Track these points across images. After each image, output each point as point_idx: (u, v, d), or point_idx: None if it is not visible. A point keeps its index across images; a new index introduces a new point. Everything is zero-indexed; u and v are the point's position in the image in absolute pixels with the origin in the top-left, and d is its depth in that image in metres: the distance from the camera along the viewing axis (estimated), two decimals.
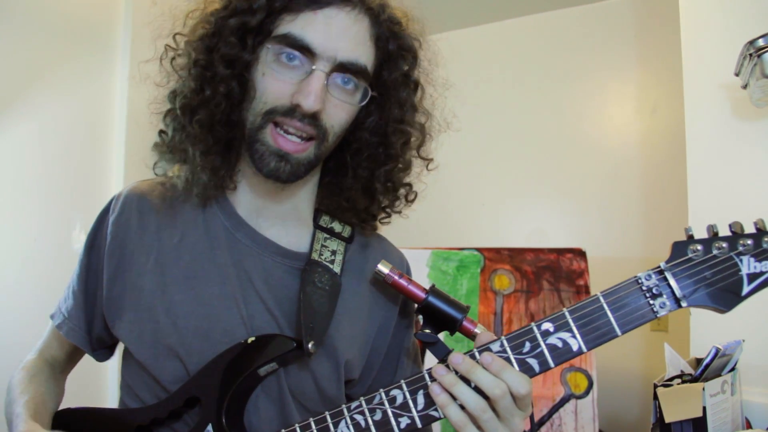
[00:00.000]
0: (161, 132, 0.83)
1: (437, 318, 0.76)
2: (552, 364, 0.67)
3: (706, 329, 1.58)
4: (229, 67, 0.75)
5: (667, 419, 1.31)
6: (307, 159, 0.77)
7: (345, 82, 0.76)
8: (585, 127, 2.69)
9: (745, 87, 1.46)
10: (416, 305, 0.78)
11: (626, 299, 0.67)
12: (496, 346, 0.68)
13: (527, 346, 0.67)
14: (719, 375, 1.35)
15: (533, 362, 0.67)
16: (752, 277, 0.65)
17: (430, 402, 0.69)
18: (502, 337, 0.69)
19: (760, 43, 1.34)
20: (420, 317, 0.78)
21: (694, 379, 1.35)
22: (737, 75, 1.48)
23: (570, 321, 0.67)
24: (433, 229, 2.94)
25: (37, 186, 2.23)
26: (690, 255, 0.66)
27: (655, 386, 1.37)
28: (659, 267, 0.67)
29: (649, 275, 0.67)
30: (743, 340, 1.39)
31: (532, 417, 0.76)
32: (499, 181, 2.85)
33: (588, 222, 2.62)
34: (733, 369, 1.39)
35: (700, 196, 1.61)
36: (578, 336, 0.67)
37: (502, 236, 2.78)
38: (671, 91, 2.32)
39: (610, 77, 2.66)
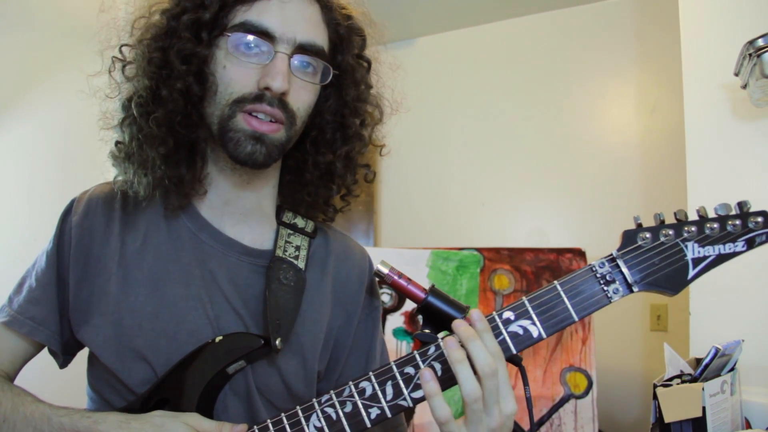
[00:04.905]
0: (117, 142, 0.82)
1: (437, 318, 0.76)
2: (514, 351, 0.69)
3: (706, 329, 1.58)
4: (185, 63, 0.75)
5: (667, 419, 1.31)
6: (279, 140, 0.78)
7: (305, 66, 0.78)
8: (585, 127, 2.69)
9: (744, 87, 1.46)
10: (416, 305, 0.78)
11: (582, 287, 0.69)
12: None
13: None
14: (719, 375, 1.35)
15: None
16: (696, 261, 0.68)
17: (398, 392, 0.69)
18: None
19: (760, 43, 1.34)
20: (420, 317, 0.78)
21: (694, 379, 1.35)
22: (737, 75, 1.48)
23: (529, 309, 0.69)
24: (432, 229, 2.94)
25: (37, 186, 2.24)
26: (639, 243, 0.70)
27: (655, 386, 1.37)
28: (611, 255, 0.70)
29: (603, 263, 0.69)
30: (743, 340, 1.40)
31: (531, 417, 0.76)
32: (499, 181, 2.85)
33: (587, 222, 2.62)
34: (732, 369, 1.39)
35: (699, 195, 1.61)
36: (538, 323, 0.69)
37: (501, 236, 2.78)
38: (671, 90, 2.32)
39: (610, 77, 2.66)
